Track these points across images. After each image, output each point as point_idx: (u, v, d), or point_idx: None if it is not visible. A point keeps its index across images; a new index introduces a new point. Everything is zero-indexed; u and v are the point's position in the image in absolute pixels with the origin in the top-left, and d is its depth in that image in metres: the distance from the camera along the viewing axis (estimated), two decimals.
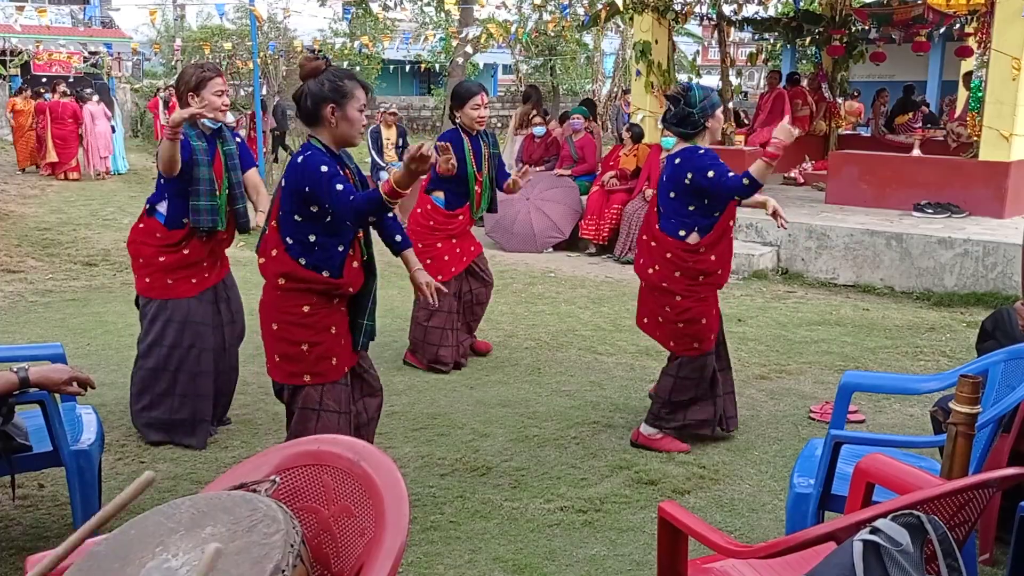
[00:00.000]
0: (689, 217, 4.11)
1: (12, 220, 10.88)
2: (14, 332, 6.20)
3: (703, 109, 4.03)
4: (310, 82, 3.15)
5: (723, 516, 3.55)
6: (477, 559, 3.21)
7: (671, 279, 4.15)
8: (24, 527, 3.42)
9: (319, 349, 3.24)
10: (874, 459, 2.31)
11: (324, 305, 3.23)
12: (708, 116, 4.04)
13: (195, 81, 4.10)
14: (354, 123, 3.16)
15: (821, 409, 4.68)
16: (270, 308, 3.27)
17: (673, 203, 4.15)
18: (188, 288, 4.20)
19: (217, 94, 4.12)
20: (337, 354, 3.27)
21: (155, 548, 1.56)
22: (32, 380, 2.68)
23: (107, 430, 4.10)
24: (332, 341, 3.26)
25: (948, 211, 8.20)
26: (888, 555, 1.63)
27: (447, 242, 5.32)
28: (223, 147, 4.25)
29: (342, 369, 3.30)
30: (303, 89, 3.17)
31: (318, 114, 3.14)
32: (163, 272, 4.18)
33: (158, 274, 4.19)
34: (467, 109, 5.19)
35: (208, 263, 4.27)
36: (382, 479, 1.74)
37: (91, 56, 24.09)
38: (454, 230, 5.33)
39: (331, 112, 3.13)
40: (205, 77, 4.11)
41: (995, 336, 3.48)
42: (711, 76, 29.19)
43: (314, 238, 3.17)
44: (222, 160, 4.22)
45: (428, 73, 31.27)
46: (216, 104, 4.12)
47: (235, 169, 4.27)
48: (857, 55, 12.70)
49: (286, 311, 3.23)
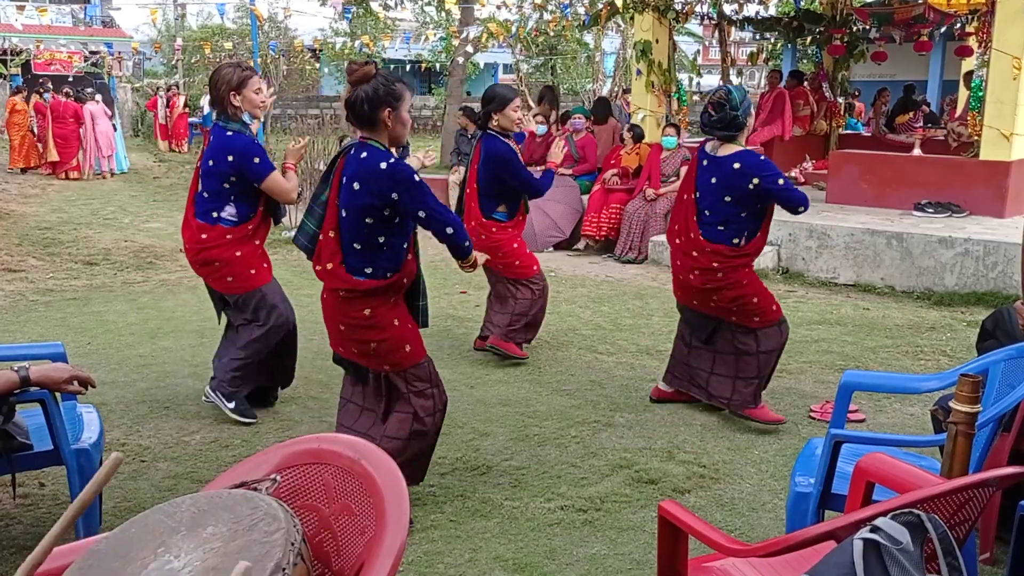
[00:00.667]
0: (742, 223, 4.21)
1: (13, 219, 10.89)
2: (15, 331, 6.20)
3: (746, 108, 4.19)
4: (365, 87, 3.21)
5: (723, 515, 3.55)
6: (477, 558, 3.21)
7: (713, 279, 4.36)
8: (25, 526, 3.43)
9: (388, 344, 3.36)
10: (874, 458, 2.31)
11: (383, 304, 3.33)
12: (749, 114, 4.21)
13: (237, 80, 4.23)
14: (406, 124, 3.29)
15: (821, 408, 4.68)
16: (333, 310, 3.42)
17: (728, 208, 4.22)
18: (268, 273, 4.48)
19: (256, 91, 4.28)
20: (409, 341, 3.40)
21: (156, 548, 1.56)
22: (33, 379, 2.68)
23: (108, 429, 4.11)
24: (399, 332, 3.38)
25: (949, 210, 8.20)
26: (888, 554, 1.63)
27: (522, 242, 5.52)
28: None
29: (419, 352, 3.44)
30: (358, 94, 3.23)
31: (376, 117, 3.23)
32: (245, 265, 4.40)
33: (241, 268, 4.39)
34: (508, 111, 5.26)
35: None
36: (383, 478, 1.74)
37: (92, 55, 24.10)
38: (519, 231, 5.50)
39: (388, 115, 3.22)
40: (246, 76, 4.27)
41: (995, 335, 3.48)
42: (712, 75, 29.17)
43: (383, 239, 3.26)
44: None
45: (429, 73, 31.27)
46: (256, 101, 4.28)
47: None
48: (858, 55, 12.70)
49: (350, 315, 3.35)
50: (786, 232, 8.12)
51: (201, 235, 4.34)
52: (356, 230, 3.25)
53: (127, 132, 20.26)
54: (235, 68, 4.31)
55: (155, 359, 5.58)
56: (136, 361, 5.55)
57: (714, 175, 4.25)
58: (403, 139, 3.36)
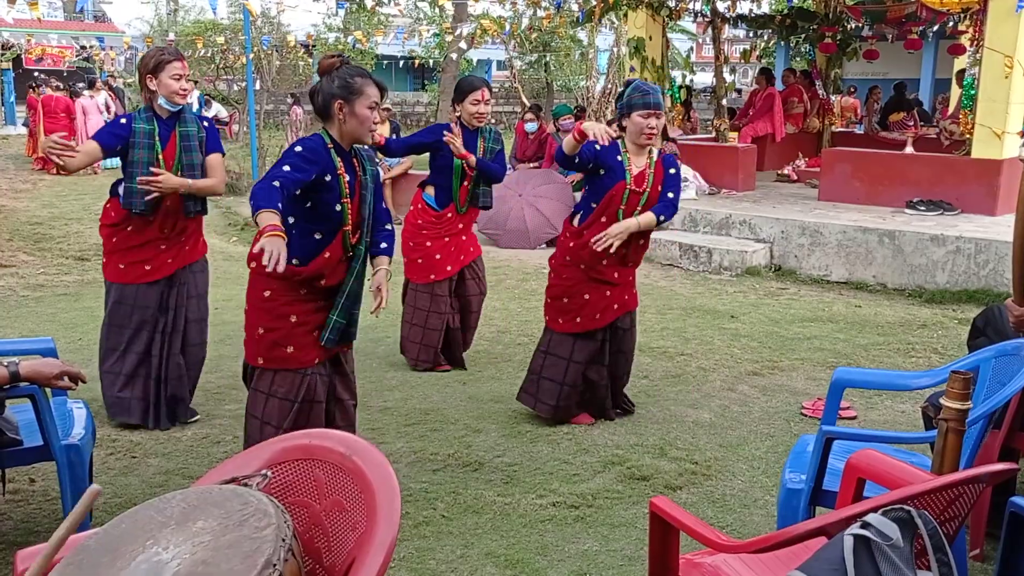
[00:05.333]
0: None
1: (3, 214, 10.83)
2: (5, 326, 6.18)
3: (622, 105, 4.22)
4: (324, 79, 3.21)
5: (715, 512, 3.56)
6: (469, 554, 3.21)
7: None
8: (15, 522, 3.41)
9: (273, 335, 3.26)
10: (865, 455, 2.32)
11: (285, 292, 3.24)
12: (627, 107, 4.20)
13: (153, 64, 4.14)
14: (363, 120, 3.19)
15: (813, 405, 4.70)
16: (247, 290, 3.33)
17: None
18: (141, 274, 4.27)
19: (175, 78, 4.14)
20: (294, 343, 3.27)
21: (146, 542, 1.55)
22: (23, 374, 2.67)
23: (98, 425, 4.08)
24: (289, 329, 3.26)
25: (940, 208, 8.22)
26: (878, 549, 1.63)
27: (438, 241, 5.23)
28: (180, 128, 4.24)
29: (300, 359, 3.29)
30: (315, 85, 3.24)
31: (328, 110, 3.20)
32: (115, 254, 4.29)
33: (112, 256, 4.30)
34: (467, 104, 5.12)
35: (164, 248, 4.28)
36: (374, 474, 1.73)
37: (83, 50, 23.99)
38: (444, 229, 5.24)
39: (339, 108, 3.18)
40: (163, 60, 4.14)
41: (986, 333, 3.49)
42: (705, 73, 29.19)
43: (292, 220, 3.19)
44: (176, 141, 4.21)
45: (422, 69, 31.24)
46: (173, 88, 4.14)
47: (191, 151, 4.24)
48: (850, 52, 12.74)
49: (252, 295, 3.29)
50: (779, 230, 8.14)
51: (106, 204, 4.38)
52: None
53: None
54: (156, 51, 4.21)
55: None
56: None
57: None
58: (363, 137, 3.25)
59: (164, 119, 4.19)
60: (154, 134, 4.14)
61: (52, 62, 25.39)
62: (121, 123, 4.19)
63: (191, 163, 4.24)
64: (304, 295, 3.26)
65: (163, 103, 4.16)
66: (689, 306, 6.92)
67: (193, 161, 4.24)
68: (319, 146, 3.18)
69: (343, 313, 3.32)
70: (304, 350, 3.29)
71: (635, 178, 4.18)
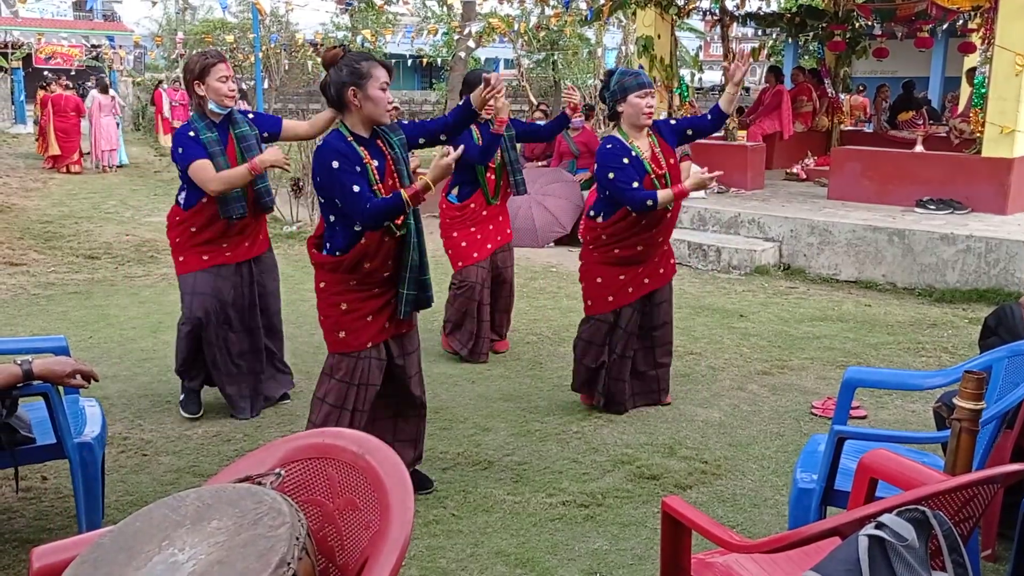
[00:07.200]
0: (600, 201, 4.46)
1: (14, 213, 10.88)
2: (16, 325, 6.20)
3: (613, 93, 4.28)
4: (331, 70, 3.23)
5: (725, 511, 3.55)
6: (479, 552, 3.21)
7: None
8: (27, 519, 3.43)
9: (328, 322, 3.43)
10: (878, 455, 2.31)
11: (336, 283, 3.37)
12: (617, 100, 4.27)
13: (199, 69, 4.12)
14: (378, 102, 3.22)
15: (823, 405, 4.69)
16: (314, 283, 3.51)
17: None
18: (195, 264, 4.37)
19: (221, 80, 4.13)
20: (345, 328, 3.39)
21: (161, 542, 1.56)
22: (36, 373, 2.68)
23: (110, 423, 4.11)
24: (338, 316, 3.39)
25: (951, 207, 8.19)
26: (894, 550, 1.63)
27: (464, 231, 5.41)
28: (235, 131, 4.24)
29: (350, 343, 3.40)
30: (325, 78, 3.27)
31: (342, 99, 3.23)
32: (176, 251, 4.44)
33: (174, 253, 4.46)
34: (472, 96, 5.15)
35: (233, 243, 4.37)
36: (387, 473, 1.74)
37: (93, 49, 24.07)
38: (469, 219, 5.40)
39: (353, 95, 3.21)
40: (208, 63, 4.12)
41: (998, 333, 3.48)
42: (713, 71, 29.14)
43: (333, 219, 3.29)
44: (235, 144, 4.22)
45: (430, 68, 31.26)
46: (222, 90, 4.13)
47: (251, 150, 4.23)
48: (860, 51, 12.68)
49: (315, 287, 3.45)
50: (788, 228, 8.12)
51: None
52: (321, 208, 3.35)
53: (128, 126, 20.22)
54: (200, 56, 4.19)
55: (157, 353, 5.58)
56: (138, 355, 5.55)
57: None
58: (382, 118, 3.26)
59: (218, 124, 4.19)
60: (219, 141, 4.16)
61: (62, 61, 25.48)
62: (191, 136, 4.14)
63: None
64: (353, 286, 3.35)
65: (213, 107, 4.14)
66: (698, 305, 6.91)
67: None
68: (342, 146, 3.21)
69: (411, 285, 3.41)
70: (354, 334, 3.40)
71: (653, 164, 4.30)
